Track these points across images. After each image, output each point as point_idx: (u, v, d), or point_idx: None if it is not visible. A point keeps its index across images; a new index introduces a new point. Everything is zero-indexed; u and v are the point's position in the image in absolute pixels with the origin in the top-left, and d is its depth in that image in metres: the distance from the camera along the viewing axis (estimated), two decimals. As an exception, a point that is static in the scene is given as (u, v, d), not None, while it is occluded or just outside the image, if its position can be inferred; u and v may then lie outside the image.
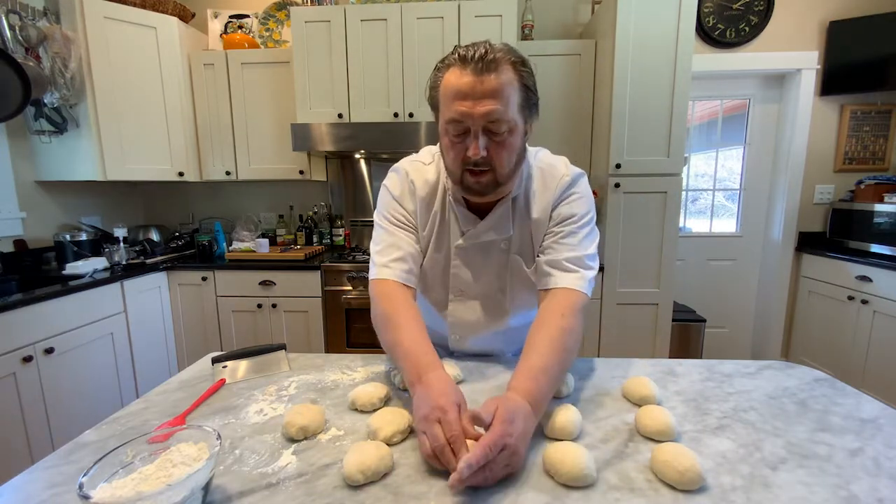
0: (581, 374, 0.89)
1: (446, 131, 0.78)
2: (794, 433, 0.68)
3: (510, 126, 0.75)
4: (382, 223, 0.91)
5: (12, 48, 1.91)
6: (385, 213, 0.92)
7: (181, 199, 2.89)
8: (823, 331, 2.56)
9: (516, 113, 0.76)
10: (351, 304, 2.25)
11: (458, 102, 0.74)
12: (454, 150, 0.78)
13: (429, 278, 0.95)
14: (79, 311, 1.83)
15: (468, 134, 0.76)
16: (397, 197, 0.91)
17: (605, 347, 2.29)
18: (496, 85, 0.73)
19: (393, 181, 0.93)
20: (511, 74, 0.74)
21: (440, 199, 0.91)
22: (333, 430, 0.70)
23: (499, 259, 0.91)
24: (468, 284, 0.93)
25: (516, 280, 0.92)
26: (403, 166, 0.93)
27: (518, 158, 0.81)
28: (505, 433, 0.57)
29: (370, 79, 2.31)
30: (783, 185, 2.71)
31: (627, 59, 2.05)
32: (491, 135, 0.75)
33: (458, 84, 0.74)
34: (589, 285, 0.83)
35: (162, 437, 0.59)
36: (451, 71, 0.75)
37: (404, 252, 0.87)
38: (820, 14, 2.56)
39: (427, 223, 0.91)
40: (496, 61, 0.73)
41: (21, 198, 2.15)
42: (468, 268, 0.92)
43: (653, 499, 0.54)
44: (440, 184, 0.91)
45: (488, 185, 0.79)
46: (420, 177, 0.91)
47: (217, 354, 0.95)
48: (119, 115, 2.23)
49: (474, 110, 0.73)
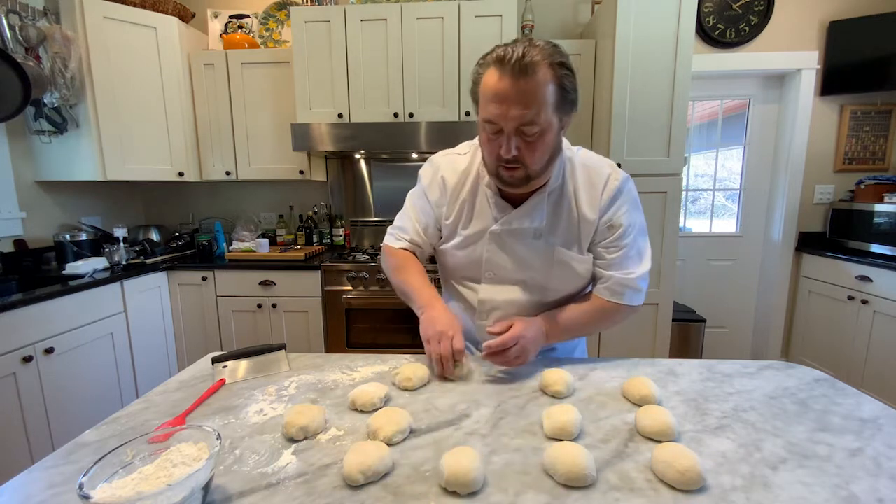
0: (581, 374, 0.89)
1: (483, 128, 0.83)
2: (794, 433, 0.68)
3: (543, 128, 0.78)
4: (408, 205, 1.06)
5: (12, 48, 1.92)
6: (413, 197, 1.06)
7: (181, 199, 2.89)
8: (823, 331, 2.56)
9: (551, 114, 0.78)
10: (351, 304, 2.25)
11: (493, 105, 0.78)
12: (490, 146, 0.83)
13: (461, 257, 1.01)
14: (79, 311, 1.83)
15: (502, 133, 0.80)
16: (425, 187, 1.02)
17: (605, 347, 2.29)
18: (531, 89, 0.75)
19: (426, 172, 1.04)
20: (548, 76, 0.76)
21: (471, 186, 0.98)
22: (333, 430, 0.70)
23: (532, 246, 0.95)
24: (500, 268, 0.98)
25: (558, 270, 0.96)
26: (436, 159, 1.03)
27: (552, 155, 0.85)
28: (520, 333, 0.85)
29: (370, 79, 2.31)
30: (783, 185, 2.71)
31: (627, 59, 2.05)
32: (523, 135, 0.79)
33: (494, 87, 0.77)
34: (643, 298, 0.96)
35: (162, 437, 0.59)
36: (490, 71, 0.78)
37: (410, 236, 1.04)
38: (820, 14, 2.56)
39: (455, 209, 0.99)
40: (533, 64, 0.74)
41: (21, 198, 2.15)
42: (501, 252, 0.97)
43: (653, 499, 0.54)
44: (472, 173, 0.98)
45: (521, 179, 0.84)
46: (450, 167, 1.00)
47: (217, 354, 0.95)
48: (119, 115, 2.23)
49: (507, 114, 0.76)
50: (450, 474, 0.55)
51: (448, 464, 0.56)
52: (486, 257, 0.97)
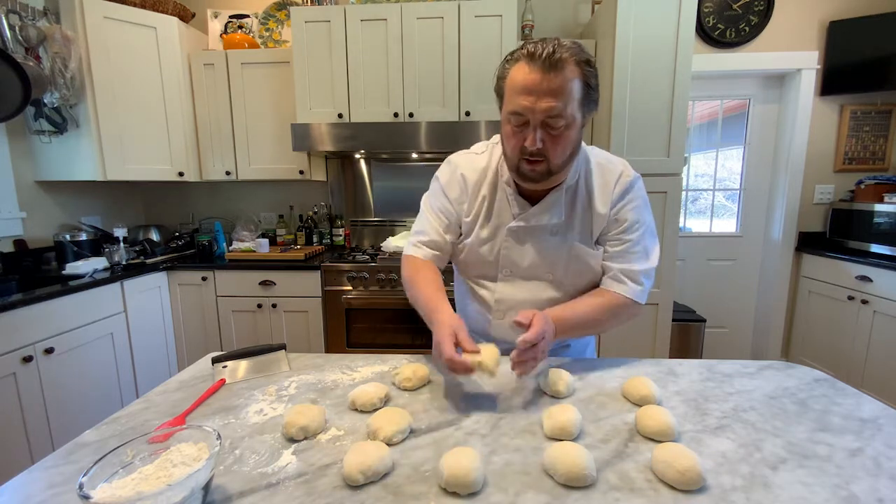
0: (581, 374, 0.89)
1: (508, 121, 0.84)
2: (794, 433, 0.68)
3: (568, 122, 0.80)
4: (425, 208, 1.04)
5: (12, 48, 1.92)
6: (431, 199, 1.04)
7: (181, 199, 2.89)
8: (823, 331, 2.55)
9: (576, 109, 0.81)
10: (351, 304, 2.25)
11: (522, 97, 0.79)
12: (514, 139, 0.84)
13: (478, 255, 1.01)
14: (79, 311, 1.83)
15: (528, 126, 0.81)
16: (444, 185, 1.01)
17: (605, 347, 2.29)
18: (560, 83, 0.77)
19: (443, 171, 1.03)
20: (575, 73, 0.79)
21: (490, 183, 0.98)
22: (333, 430, 0.70)
23: (549, 243, 0.96)
24: (517, 265, 0.99)
25: (572, 265, 0.97)
26: (454, 158, 1.03)
27: (573, 151, 0.86)
28: (543, 330, 0.78)
29: (370, 79, 2.31)
30: (783, 185, 2.71)
31: (627, 59, 2.05)
32: (548, 128, 0.81)
33: (524, 80, 0.79)
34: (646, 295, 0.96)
35: (162, 437, 0.59)
36: (519, 66, 0.80)
37: (431, 238, 1.00)
38: (820, 14, 2.55)
39: (475, 206, 0.99)
40: (562, 61, 0.77)
41: (21, 198, 2.14)
42: (519, 249, 0.98)
43: (653, 499, 0.54)
44: (490, 170, 0.98)
45: (542, 173, 0.85)
46: (469, 165, 1.00)
47: (217, 354, 0.95)
48: (119, 115, 2.23)
49: (536, 106, 0.78)
50: (449, 475, 0.55)
51: (448, 464, 0.56)
52: (504, 254, 0.98)
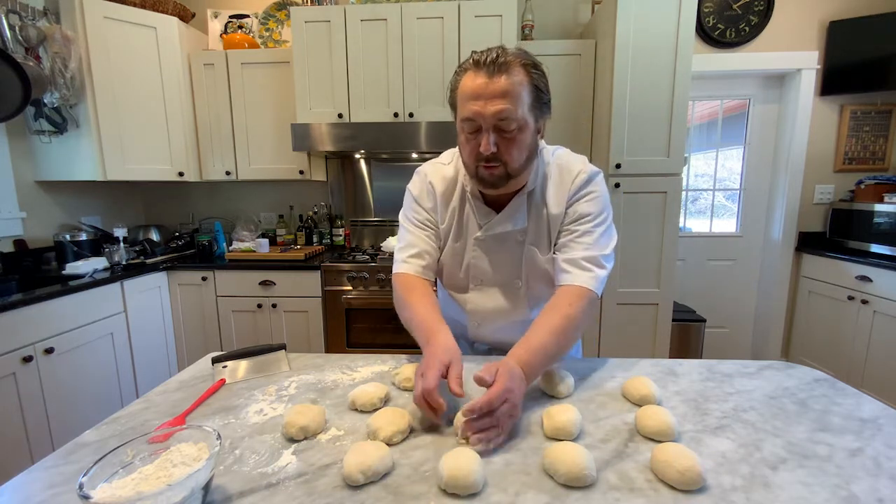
0: (581, 374, 0.89)
1: (462, 129, 0.85)
2: (793, 433, 0.68)
3: (520, 124, 0.81)
4: (405, 223, 1.01)
5: (12, 48, 1.91)
6: (407, 213, 1.02)
7: (181, 199, 2.89)
8: (823, 331, 2.56)
9: (527, 112, 0.81)
10: (351, 304, 2.25)
11: (471, 102, 0.80)
12: (469, 146, 0.85)
13: (450, 267, 1.02)
14: (79, 311, 1.83)
15: (481, 131, 0.82)
16: (416, 197, 1.00)
17: (605, 347, 2.29)
18: (506, 86, 0.78)
19: (414, 183, 1.02)
20: (522, 76, 0.80)
21: (458, 194, 0.98)
22: (333, 430, 0.70)
23: (516, 250, 0.96)
24: (486, 274, 0.99)
25: (532, 271, 0.97)
26: (424, 169, 1.02)
27: (529, 154, 0.86)
28: (507, 388, 0.67)
29: (370, 79, 2.31)
30: (783, 185, 2.71)
31: (627, 60, 2.05)
32: (501, 132, 0.81)
33: (472, 86, 0.80)
34: (600, 284, 0.88)
35: (162, 437, 0.59)
36: (467, 74, 0.82)
37: (420, 249, 0.97)
38: (820, 14, 2.55)
39: (446, 217, 0.99)
40: (507, 64, 0.79)
41: (21, 198, 2.14)
42: (486, 258, 0.98)
43: (653, 499, 0.54)
44: (458, 181, 0.98)
45: (500, 177, 0.85)
46: (438, 175, 0.99)
47: (217, 354, 0.95)
48: (119, 115, 2.23)
49: (485, 109, 0.79)
50: (449, 476, 0.55)
51: (447, 465, 0.56)
52: (473, 263, 0.98)
